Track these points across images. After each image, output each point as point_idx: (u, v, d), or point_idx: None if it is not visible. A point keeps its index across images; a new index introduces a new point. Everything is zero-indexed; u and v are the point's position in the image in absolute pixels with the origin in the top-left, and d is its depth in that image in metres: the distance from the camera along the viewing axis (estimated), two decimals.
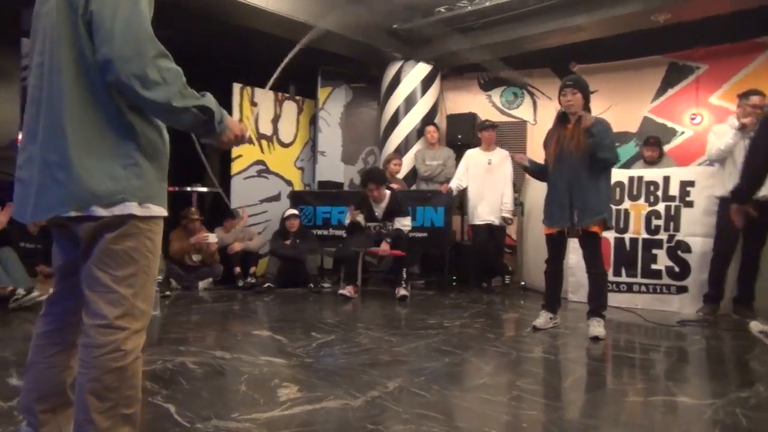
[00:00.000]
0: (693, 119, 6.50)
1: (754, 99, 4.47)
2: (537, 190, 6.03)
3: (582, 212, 3.76)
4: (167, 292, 5.22)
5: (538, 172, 4.19)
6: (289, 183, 7.44)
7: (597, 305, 3.87)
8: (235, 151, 6.82)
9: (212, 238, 5.95)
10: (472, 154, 6.13)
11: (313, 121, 7.76)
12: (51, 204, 1.44)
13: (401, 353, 3.26)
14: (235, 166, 6.89)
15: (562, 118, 3.92)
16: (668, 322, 4.35)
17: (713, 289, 4.66)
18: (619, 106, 6.93)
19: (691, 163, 6.30)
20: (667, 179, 4.97)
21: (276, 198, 7.28)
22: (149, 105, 1.42)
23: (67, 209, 1.43)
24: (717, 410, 2.34)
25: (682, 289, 4.85)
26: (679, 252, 4.86)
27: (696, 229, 4.81)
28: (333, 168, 7.73)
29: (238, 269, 5.98)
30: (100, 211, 1.43)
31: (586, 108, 3.84)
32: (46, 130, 1.45)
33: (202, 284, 5.88)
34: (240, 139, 1.61)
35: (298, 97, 7.54)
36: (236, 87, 6.88)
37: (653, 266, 4.96)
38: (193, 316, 4.38)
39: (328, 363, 3.02)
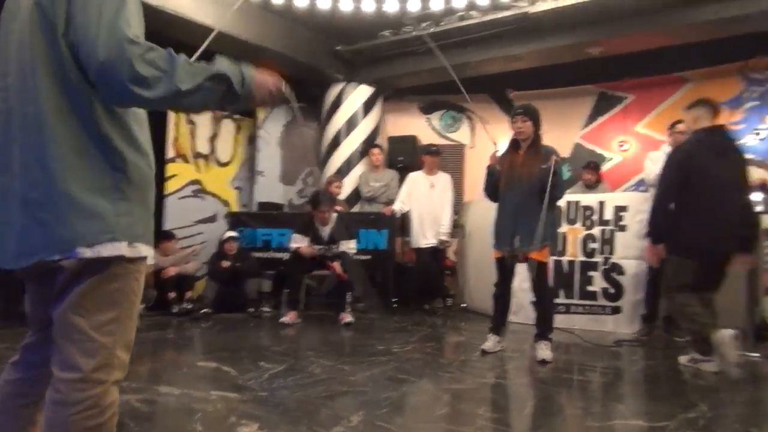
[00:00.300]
0: (621, 146, 6.88)
1: (680, 126, 4.80)
2: (477, 213, 6.17)
3: (524, 239, 3.82)
4: None
5: (493, 188, 4.09)
6: (225, 203, 7.22)
7: (544, 329, 3.95)
8: (169, 170, 6.57)
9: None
10: (414, 178, 6.18)
11: (252, 141, 7.60)
12: (34, 247, 1.29)
13: (357, 383, 3.20)
14: (170, 186, 6.61)
15: (514, 144, 4.01)
16: (605, 342, 4.51)
17: (649, 310, 4.89)
18: (552, 132, 7.10)
19: (619, 187, 6.66)
20: (602, 204, 5.19)
21: (212, 219, 7.04)
22: (160, 103, 1.29)
23: (51, 252, 1.28)
24: None
25: (617, 310, 5.06)
26: (614, 274, 5.08)
27: (629, 252, 5.04)
28: (272, 188, 7.58)
29: (172, 294, 5.71)
30: (85, 252, 1.29)
31: (537, 135, 3.93)
32: (23, 164, 1.31)
33: None
34: (277, 95, 1.44)
35: (236, 117, 7.36)
36: None
37: (589, 288, 5.15)
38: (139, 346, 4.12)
39: (284, 396, 2.91)
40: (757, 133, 5.93)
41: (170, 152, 6.61)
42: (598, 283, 5.11)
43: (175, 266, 5.79)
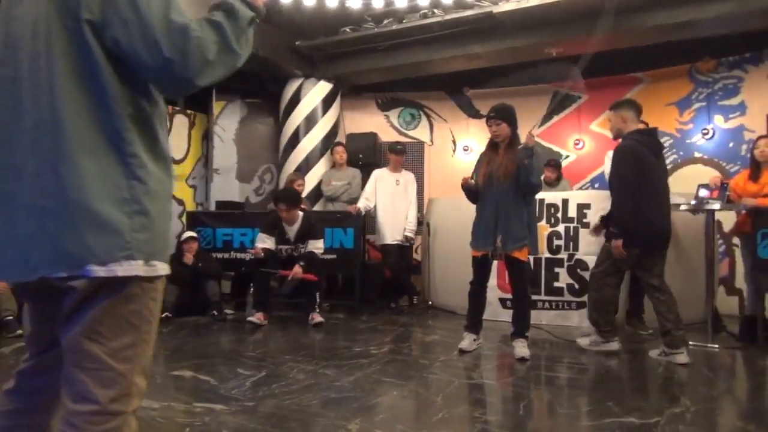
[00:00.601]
0: (576, 144, 7.05)
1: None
2: (441, 210, 6.20)
3: (505, 238, 3.86)
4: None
5: (473, 193, 4.11)
6: (180, 202, 6.96)
7: (521, 327, 4.01)
8: None
9: None
10: (380, 175, 6.13)
11: (206, 137, 7.35)
12: (39, 261, 1.16)
13: (344, 388, 3.13)
14: None
15: (492, 144, 4.02)
16: (573, 337, 4.61)
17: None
18: None
19: (576, 184, 6.84)
20: (565, 202, 5.31)
21: None
22: (224, 76, 1.27)
23: (57, 268, 1.16)
24: (663, 428, 2.50)
25: (581, 305, 5.18)
26: (579, 270, 5.20)
27: (592, 249, 5.14)
28: (228, 186, 7.36)
29: None
30: (98, 271, 1.17)
31: (514, 134, 3.95)
32: (32, 167, 1.17)
33: None
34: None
35: (189, 111, 7.09)
36: None
37: (555, 284, 5.25)
38: None
39: (273, 406, 2.81)
40: (706, 133, 6.20)
41: None
42: (563, 279, 5.22)
43: None
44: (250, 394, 2.99)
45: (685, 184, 5.30)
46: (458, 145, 7.70)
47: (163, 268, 1.28)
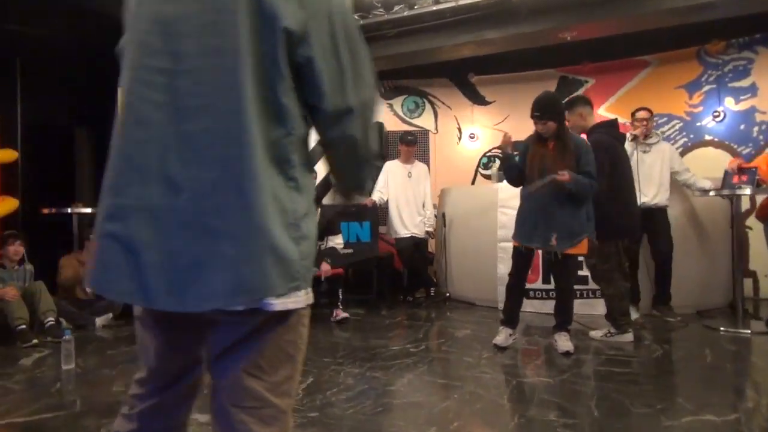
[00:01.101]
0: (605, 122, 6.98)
1: (640, 114, 4.94)
2: (455, 200, 6.10)
3: (561, 238, 3.70)
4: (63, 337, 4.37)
5: (518, 171, 3.92)
6: None
7: (563, 319, 3.94)
8: None
9: None
10: (392, 167, 5.99)
11: None
12: (213, 290, 1.01)
13: (402, 393, 3.03)
14: None
15: (539, 137, 3.87)
16: (599, 326, 4.55)
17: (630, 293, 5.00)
18: (515, 116, 7.24)
19: None
20: None
21: None
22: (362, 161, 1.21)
23: (234, 301, 1.01)
24: (747, 426, 2.45)
25: None
26: None
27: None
28: None
29: None
30: (274, 305, 1.05)
31: (563, 127, 3.81)
32: (199, 179, 1.02)
33: (99, 321, 5.05)
34: None
35: None
36: (120, 92, 6.05)
37: (579, 272, 5.20)
38: (118, 365, 3.72)
39: (338, 416, 2.69)
40: (717, 115, 6.20)
41: None
42: (587, 268, 5.17)
43: None
44: (309, 404, 2.86)
45: (696, 167, 5.28)
46: (464, 132, 7.59)
47: (311, 295, 1.16)
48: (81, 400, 2.99)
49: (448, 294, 6.03)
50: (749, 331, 4.34)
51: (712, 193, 4.64)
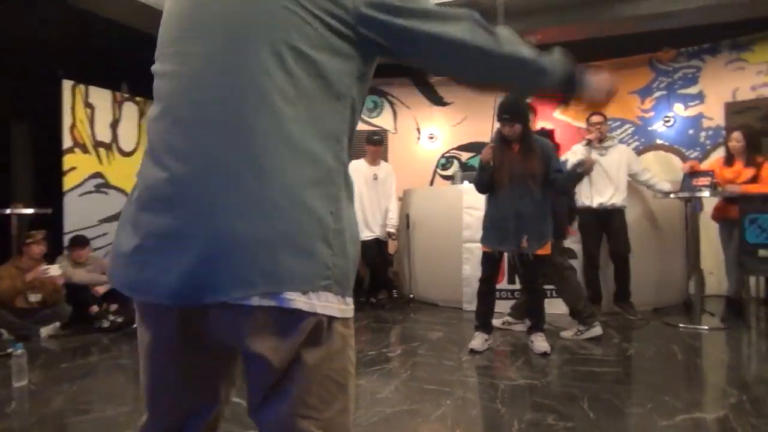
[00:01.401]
0: (541, 131, 7.11)
1: (593, 118, 5.07)
2: (419, 201, 6.07)
3: (531, 239, 3.74)
4: None
5: (489, 177, 3.85)
6: None
7: (537, 320, 3.97)
8: (67, 161, 5.65)
9: (54, 270, 4.81)
10: (356, 167, 5.88)
11: None
12: (227, 279, 0.89)
13: (393, 401, 2.94)
14: (68, 181, 5.68)
15: (503, 139, 3.88)
16: (560, 324, 4.61)
17: (591, 291, 5.12)
18: (473, 117, 7.30)
19: None
20: None
21: (118, 216, 6.18)
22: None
23: (249, 290, 0.89)
24: (737, 422, 2.52)
25: None
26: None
27: (577, 237, 5.24)
28: None
29: (95, 308, 4.93)
30: (297, 301, 0.91)
31: (527, 129, 3.84)
32: (231, 165, 0.92)
33: (45, 331, 4.70)
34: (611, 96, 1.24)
35: (138, 98, 6.49)
36: (66, 84, 5.67)
37: (543, 273, 5.26)
38: (75, 380, 3.45)
39: None
40: (667, 120, 6.45)
41: (67, 141, 5.67)
42: None
43: (98, 283, 5.04)
44: None
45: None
46: (423, 132, 7.58)
47: (352, 308, 1.04)
48: (40, 421, 2.74)
49: (411, 296, 5.99)
50: (706, 327, 4.53)
51: (672, 196, 4.81)
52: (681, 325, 4.64)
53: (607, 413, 2.71)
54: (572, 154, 5.13)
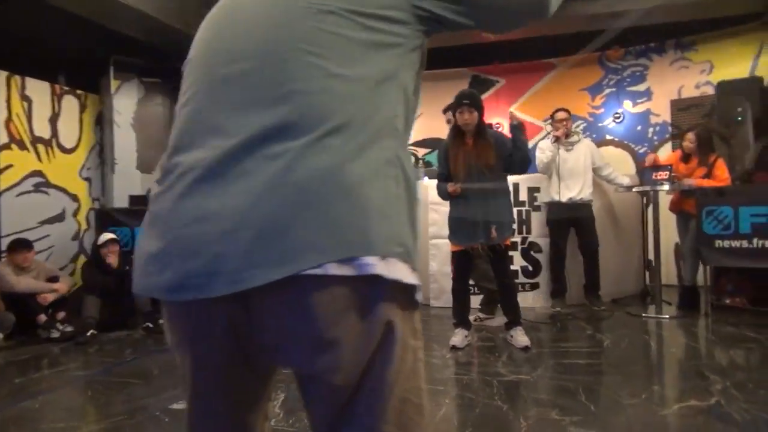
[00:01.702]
0: (496, 128, 7.19)
1: (559, 114, 5.18)
2: None
3: (499, 229, 3.75)
4: None
5: (446, 193, 3.89)
6: (74, 198, 5.97)
7: (515, 315, 3.98)
8: (3, 159, 5.20)
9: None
10: None
11: (99, 121, 6.36)
12: (296, 248, 0.76)
13: None
14: (4, 180, 5.24)
15: (457, 134, 3.86)
16: (540, 318, 4.71)
17: (557, 284, 5.22)
18: (429, 114, 7.29)
19: None
20: (516, 186, 5.38)
21: (59, 218, 5.79)
22: None
23: (321, 256, 0.76)
24: (731, 408, 2.60)
25: (535, 286, 5.35)
26: (532, 252, 5.34)
27: (544, 231, 5.33)
28: (128, 178, 6.45)
29: (43, 317, 4.56)
30: (377, 266, 0.78)
31: (482, 121, 3.83)
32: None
33: None
34: None
35: (79, 91, 6.07)
36: (0, 75, 5.22)
37: (511, 267, 5.32)
38: (37, 396, 3.16)
39: None
40: (617, 117, 6.67)
41: (2, 137, 5.23)
42: (518, 262, 5.33)
43: (46, 291, 4.67)
44: (296, 423, 2.60)
45: None
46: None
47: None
48: None
49: None
50: (667, 316, 4.70)
51: (634, 189, 4.96)
52: (643, 314, 4.80)
53: (606, 405, 2.73)
54: (540, 152, 5.19)
